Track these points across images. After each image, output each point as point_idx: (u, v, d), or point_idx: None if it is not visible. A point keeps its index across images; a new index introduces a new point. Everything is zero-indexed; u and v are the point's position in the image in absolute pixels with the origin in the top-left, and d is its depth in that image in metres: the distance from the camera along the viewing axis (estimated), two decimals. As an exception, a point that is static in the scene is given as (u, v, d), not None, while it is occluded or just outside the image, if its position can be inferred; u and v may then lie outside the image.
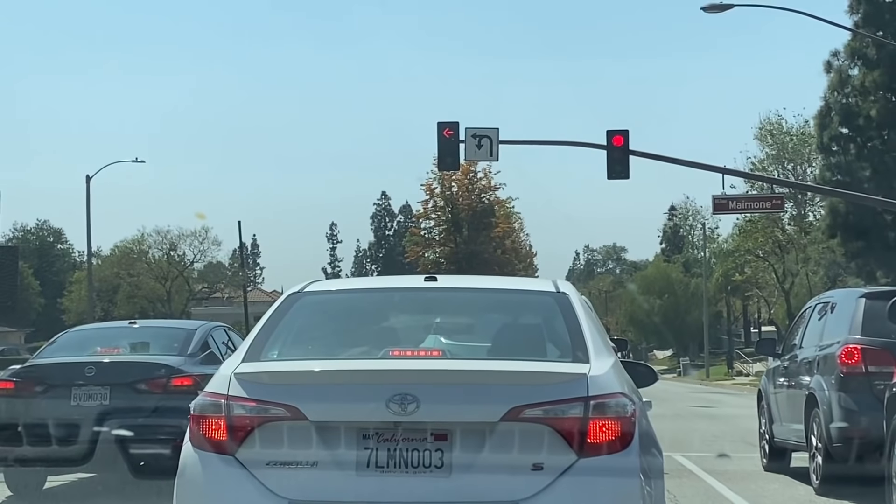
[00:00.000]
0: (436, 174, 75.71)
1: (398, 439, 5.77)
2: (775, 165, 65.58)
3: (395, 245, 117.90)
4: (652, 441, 6.34)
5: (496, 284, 8.06)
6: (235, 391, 5.93)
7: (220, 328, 14.55)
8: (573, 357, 6.20)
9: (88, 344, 13.61)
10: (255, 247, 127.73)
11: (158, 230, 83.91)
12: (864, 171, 45.04)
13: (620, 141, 28.32)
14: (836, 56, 47.06)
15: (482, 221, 77.79)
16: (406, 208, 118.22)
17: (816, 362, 12.96)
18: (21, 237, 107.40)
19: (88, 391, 12.16)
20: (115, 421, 11.67)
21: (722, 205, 34.61)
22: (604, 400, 5.81)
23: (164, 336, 13.95)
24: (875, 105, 45.13)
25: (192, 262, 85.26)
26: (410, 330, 6.94)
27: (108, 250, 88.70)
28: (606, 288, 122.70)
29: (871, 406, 11.40)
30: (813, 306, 14.64)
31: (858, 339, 12.23)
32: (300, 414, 5.79)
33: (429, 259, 78.80)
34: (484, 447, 5.74)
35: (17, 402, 12.35)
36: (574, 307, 6.67)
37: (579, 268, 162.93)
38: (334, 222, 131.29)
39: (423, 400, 5.74)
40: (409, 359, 6.24)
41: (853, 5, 46.01)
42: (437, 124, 28.47)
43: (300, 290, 7.03)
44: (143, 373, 12.35)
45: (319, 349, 6.62)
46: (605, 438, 5.75)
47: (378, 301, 7.22)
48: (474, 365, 6.24)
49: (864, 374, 12.01)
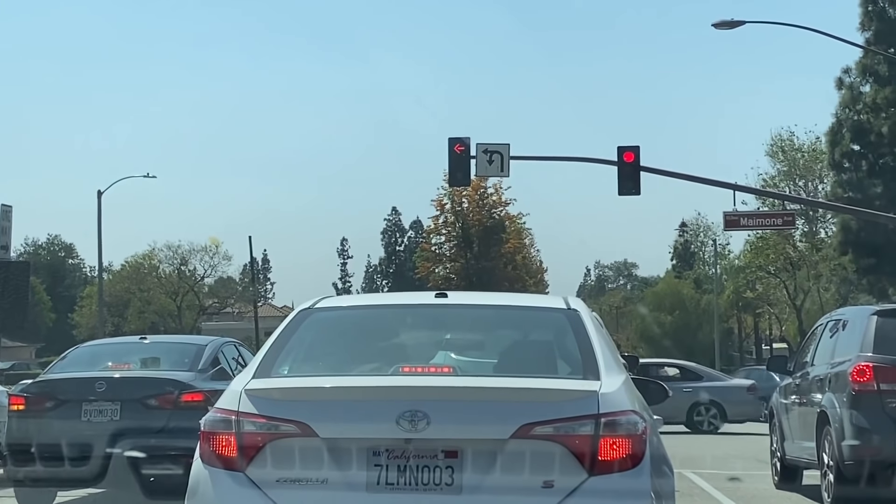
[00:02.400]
0: (446, 190, 75.85)
1: (409, 456, 5.76)
2: (787, 182, 65.49)
3: (406, 261, 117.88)
4: (663, 459, 6.31)
5: (507, 301, 8.03)
6: (246, 407, 5.92)
7: (231, 344, 14.56)
8: (584, 374, 6.17)
9: (99, 359, 13.63)
10: (265, 262, 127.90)
11: (169, 245, 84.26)
12: (876, 187, 44.97)
13: (631, 157, 28.29)
14: (847, 73, 47.05)
15: (493, 237, 77.83)
16: (417, 224, 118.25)
17: (828, 380, 12.90)
18: (32, 252, 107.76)
19: (99, 407, 12.17)
20: (126, 437, 11.68)
21: (733, 221, 34.54)
22: (615, 417, 5.79)
23: (174, 351, 13.94)
24: (887, 122, 45.09)
25: (202, 277, 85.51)
26: (421, 346, 6.93)
27: (119, 265, 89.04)
28: (617, 304, 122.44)
29: (884, 424, 11.36)
30: (824, 323, 14.58)
31: (870, 357, 12.18)
32: (310, 431, 5.77)
33: (439, 275, 78.82)
34: (495, 465, 5.73)
35: (29, 417, 12.37)
36: (585, 324, 6.65)
37: (590, 284, 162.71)
38: (345, 237, 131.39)
39: (434, 417, 5.72)
40: (419, 375, 6.23)
41: (864, 22, 46.02)
42: (447, 139, 28.52)
43: (311, 306, 7.03)
44: (153, 388, 12.35)
45: (330, 365, 6.60)
46: (616, 456, 5.72)
47: (388, 317, 7.21)
48: (485, 382, 6.22)
49: (877, 391, 11.96)
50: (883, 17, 45.78)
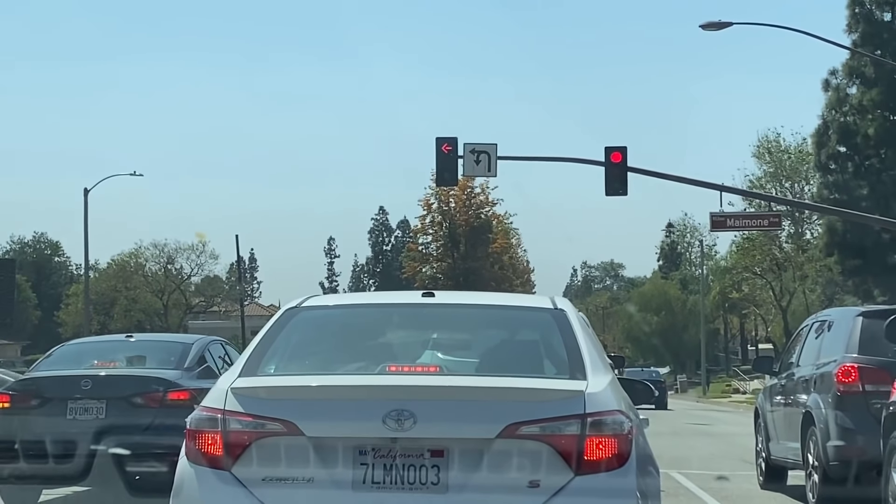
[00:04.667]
0: (433, 190, 75.93)
1: (395, 455, 5.76)
2: (773, 183, 65.76)
3: (393, 260, 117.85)
4: (649, 459, 6.33)
5: (493, 300, 8.02)
6: (232, 406, 5.92)
7: (217, 342, 14.52)
8: (570, 374, 6.18)
9: (85, 357, 13.58)
10: (252, 261, 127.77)
11: (156, 244, 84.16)
12: (862, 189, 45.14)
13: (619, 157, 28.32)
14: (834, 74, 47.23)
15: (480, 237, 77.93)
16: (404, 223, 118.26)
17: (813, 381, 12.94)
18: (18, 250, 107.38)
19: (84, 405, 12.13)
20: (111, 435, 11.64)
21: (719, 222, 34.62)
22: (601, 417, 5.79)
23: (160, 350, 13.90)
24: (873, 123, 45.27)
25: (189, 276, 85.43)
26: (408, 345, 6.93)
27: (106, 263, 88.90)
28: (604, 304, 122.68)
29: (868, 425, 11.39)
30: (810, 324, 14.63)
31: (855, 358, 12.22)
32: (297, 429, 5.77)
33: (426, 274, 78.92)
34: (481, 464, 5.73)
35: (14, 414, 12.33)
36: (571, 324, 6.66)
37: (577, 284, 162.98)
38: (332, 237, 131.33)
39: (420, 416, 5.73)
40: (406, 374, 6.23)
41: (851, 24, 46.19)
42: (435, 139, 28.48)
43: (298, 304, 7.02)
44: (139, 386, 12.31)
45: (317, 364, 6.59)
46: (601, 456, 5.73)
47: (375, 316, 7.21)
48: (471, 381, 6.22)
49: (861, 392, 12.00)
50: (870, 20, 45.97)
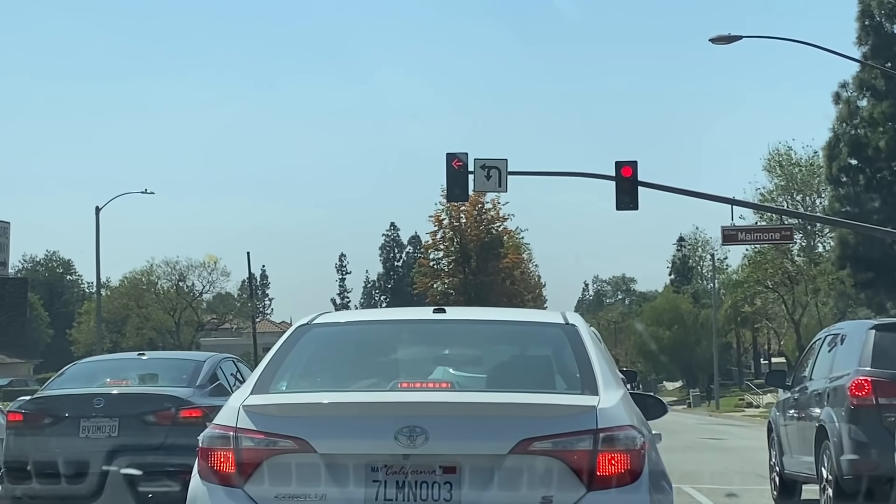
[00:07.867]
0: (444, 205, 75.93)
1: (407, 472, 5.75)
2: (784, 196, 65.56)
3: (404, 276, 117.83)
4: (661, 474, 6.30)
5: (505, 316, 8.03)
6: (244, 423, 5.91)
7: (229, 359, 14.54)
8: (582, 389, 6.17)
9: (97, 375, 13.61)
10: (264, 278, 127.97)
11: (167, 261, 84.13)
12: (874, 202, 45.02)
13: (629, 172, 28.31)
14: (844, 87, 47.14)
15: (491, 252, 77.87)
16: (415, 239, 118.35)
17: (827, 394, 12.89)
18: (31, 268, 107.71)
19: (97, 423, 12.15)
20: (124, 453, 11.65)
21: (731, 236, 34.58)
22: (613, 433, 5.78)
23: (172, 368, 13.92)
24: (884, 136, 45.15)
25: (200, 293, 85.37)
26: (419, 362, 6.92)
27: (118, 281, 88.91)
28: (615, 319, 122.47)
29: (882, 438, 11.33)
30: (823, 338, 14.58)
31: (869, 371, 12.17)
32: (309, 447, 5.77)
33: (437, 290, 78.82)
34: (493, 480, 5.72)
35: (27, 433, 12.34)
36: (583, 339, 6.65)
37: (588, 299, 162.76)
38: (343, 253, 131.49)
39: (432, 432, 5.72)
40: (417, 391, 6.21)
41: (861, 37, 46.13)
42: (445, 155, 28.52)
43: (309, 322, 7.02)
44: (151, 404, 12.33)
45: (328, 381, 6.59)
46: (614, 472, 5.72)
47: (387, 333, 7.21)
48: (483, 397, 6.21)
49: (875, 406, 11.95)
50: (880, 32, 45.90)
